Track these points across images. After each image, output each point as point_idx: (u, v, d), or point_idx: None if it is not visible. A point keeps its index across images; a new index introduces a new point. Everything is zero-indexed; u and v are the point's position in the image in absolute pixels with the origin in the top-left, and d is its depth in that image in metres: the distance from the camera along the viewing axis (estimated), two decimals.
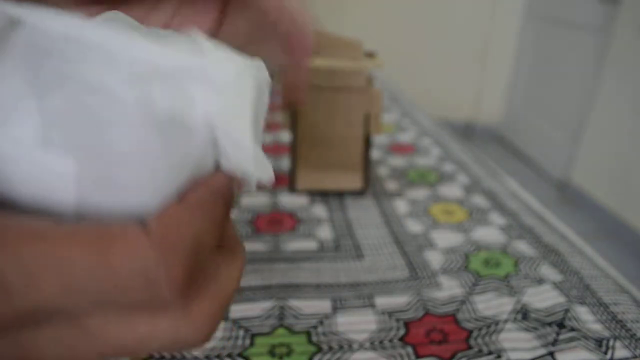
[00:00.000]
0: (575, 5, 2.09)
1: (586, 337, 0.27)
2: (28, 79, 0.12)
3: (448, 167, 0.51)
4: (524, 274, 0.33)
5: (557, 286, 0.32)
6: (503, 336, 0.27)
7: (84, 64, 0.13)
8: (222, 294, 0.15)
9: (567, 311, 0.29)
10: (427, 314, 0.29)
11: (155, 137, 0.13)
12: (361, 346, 0.26)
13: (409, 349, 0.26)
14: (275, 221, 0.39)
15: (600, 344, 0.27)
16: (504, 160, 2.52)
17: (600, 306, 0.30)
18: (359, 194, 0.43)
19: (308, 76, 0.26)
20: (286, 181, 0.46)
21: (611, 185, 1.82)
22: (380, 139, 0.60)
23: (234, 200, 0.16)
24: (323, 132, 0.41)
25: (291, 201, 0.42)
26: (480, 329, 0.28)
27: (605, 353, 0.26)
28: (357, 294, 0.30)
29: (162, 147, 0.13)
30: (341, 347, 0.26)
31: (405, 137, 0.61)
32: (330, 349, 0.26)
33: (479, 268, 0.33)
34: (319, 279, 0.32)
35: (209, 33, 0.22)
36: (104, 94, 0.13)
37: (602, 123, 1.87)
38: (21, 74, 0.12)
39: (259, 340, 0.26)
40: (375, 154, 0.55)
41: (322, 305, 0.29)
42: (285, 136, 0.59)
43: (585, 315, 0.29)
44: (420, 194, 0.45)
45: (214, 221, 0.15)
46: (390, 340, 0.27)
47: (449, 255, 0.35)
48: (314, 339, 0.27)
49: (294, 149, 0.42)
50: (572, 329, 0.28)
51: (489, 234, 0.38)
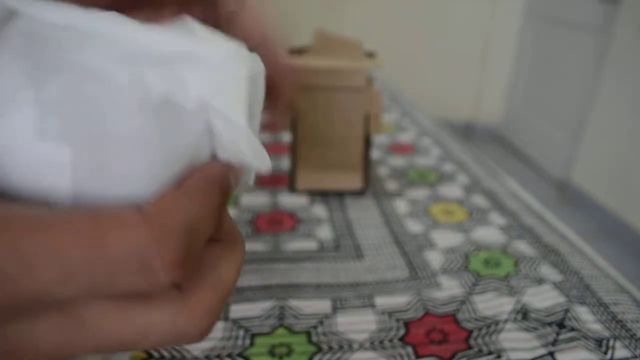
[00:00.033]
0: (575, 5, 2.09)
1: (586, 337, 0.27)
2: (25, 69, 0.12)
3: (448, 167, 0.51)
4: (524, 274, 0.33)
5: (557, 286, 0.32)
6: (503, 336, 0.27)
7: (79, 51, 0.13)
8: (221, 286, 0.15)
9: (567, 311, 0.29)
10: (427, 314, 0.29)
11: (150, 122, 0.13)
12: (361, 346, 0.26)
13: (409, 349, 0.26)
14: (275, 221, 0.39)
15: (600, 344, 0.27)
16: (504, 160, 2.52)
17: (600, 306, 0.30)
18: (359, 194, 0.43)
19: (291, 97, 0.26)
20: (286, 181, 0.46)
21: (611, 185, 1.82)
22: (380, 139, 0.60)
23: (230, 189, 0.16)
24: (323, 132, 0.41)
25: (291, 201, 0.42)
26: (480, 329, 0.28)
27: (605, 353, 0.26)
28: (357, 294, 0.30)
29: (157, 132, 0.13)
30: (341, 347, 0.26)
31: (405, 137, 0.61)
32: (330, 349, 0.26)
33: (479, 268, 0.33)
34: (319, 279, 0.32)
35: None
36: (98, 78, 0.13)
37: (602, 123, 1.87)
38: (18, 64, 0.12)
39: (259, 340, 0.26)
40: (375, 154, 0.55)
41: (322, 305, 0.29)
42: (285, 136, 0.59)
43: (585, 315, 0.29)
44: (420, 194, 0.45)
45: (209, 208, 0.14)
46: (390, 340, 0.27)
47: (449, 255, 0.35)
48: (314, 339, 0.27)
49: (294, 149, 0.42)
50: (572, 329, 0.28)
51: (489, 234, 0.38)
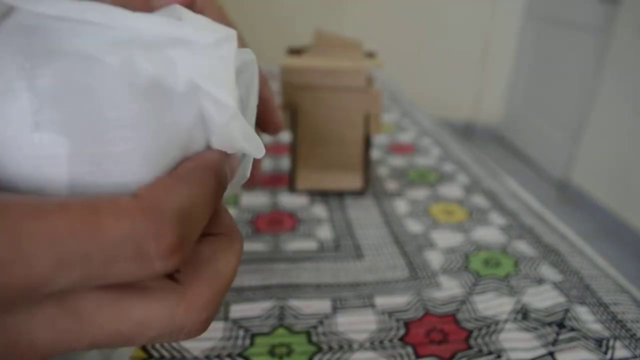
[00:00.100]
0: (575, 5, 2.09)
1: (586, 337, 0.27)
2: (19, 61, 0.12)
3: (448, 167, 0.51)
4: (524, 274, 0.33)
5: (557, 286, 0.32)
6: (503, 336, 0.27)
7: (71, 39, 0.13)
8: (219, 280, 0.15)
9: (567, 311, 0.29)
10: (427, 314, 0.29)
11: (141, 105, 0.13)
12: (361, 346, 0.26)
13: (409, 349, 0.26)
14: (275, 221, 0.39)
15: (600, 344, 0.27)
16: (504, 160, 2.52)
17: (600, 306, 0.30)
18: (359, 194, 0.43)
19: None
20: (286, 181, 0.46)
21: (611, 185, 1.82)
22: (380, 139, 0.60)
23: (225, 177, 0.16)
24: (323, 132, 0.41)
25: (291, 201, 0.42)
26: (480, 329, 0.28)
27: (605, 353, 0.26)
28: (357, 294, 0.30)
29: (149, 116, 0.14)
30: (341, 347, 0.26)
31: (405, 137, 0.61)
32: (330, 349, 0.26)
33: (479, 268, 0.33)
34: (319, 279, 0.32)
35: None
36: (90, 63, 0.13)
37: (602, 123, 1.87)
38: (12, 56, 0.12)
39: (259, 340, 0.26)
40: (375, 154, 0.55)
41: (322, 305, 0.29)
42: (285, 136, 0.59)
43: (585, 315, 0.29)
44: (420, 194, 0.45)
45: (204, 195, 0.14)
46: (390, 340, 0.27)
47: (449, 255, 0.35)
48: (314, 339, 0.27)
49: (294, 149, 0.42)
50: (572, 329, 0.28)
51: (489, 234, 0.38)
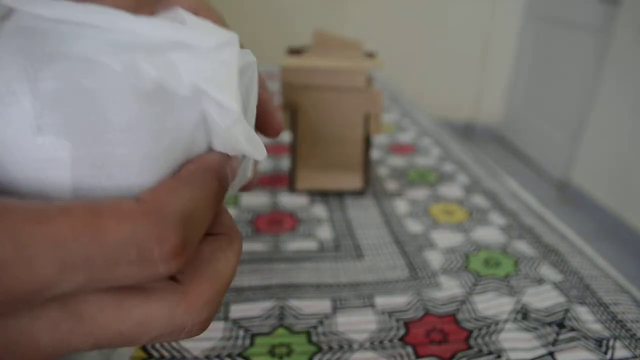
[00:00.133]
0: (575, 5, 2.09)
1: (586, 337, 0.27)
2: (21, 63, 0.12)
3: (448, 167, 0.51)
4: (524, 274, 0.33)
5: (557, 286, 0.32)
6: (503, 336, 0.27)
7: (73, 42, 0.13)
8: (219, 279, 0.15)
9: (567, 311, 0.29)
10: (427, 314, 0.29)
11: (144, 109, 0.13)
12: (361, 346, 0.26)
13: (409, 349, 0.26)
14: (275, 221, 0.39)
15: (600, 344, 0.27)
16: (504, 160, 2.52)
17: (600, 306, 0.30)
18: (359, 194, 0.43)
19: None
20: (286, 181, 0.46)
21: (611, 185, 1.82)
22: (380, 139, 0.60)
23: (227, 179, 0.16)
24: (323, 132, 0.41)
25: (291, 201, 0.42)
26: (480, 329, 0.28)
27: (605, 353, 0.26)
28: (357, 294, 0.30)
29: (152, 119, 0.13)
30: (341, 347, 0.26)
31: (405, 137, 0.61)
32: (330, 349, 0.26)
33: (479, 268, 0.33)
34: (319, 279, 0.32)
35: None
36: (93, 66, 0.13)
37: (602, 123, 1.87)
38: (14, 59, 0.12)
39: (259, 340, 0.26)
40: (375, 154, 0.55)
41: (322, 305, 0.29)
42: (285, 136, 0.59)
43: (585, 315, 0.29)
44: (420, 194, 0.45)
45: (207, 197, 0.14)
46: (390, 340, 0.27)
47: (449, 255, 0.35)
48: (314, 339, 0.27)
49: (294, 149, 0.42)
50: (572, 329, 0.28)
51: (489, 234, 0.38)
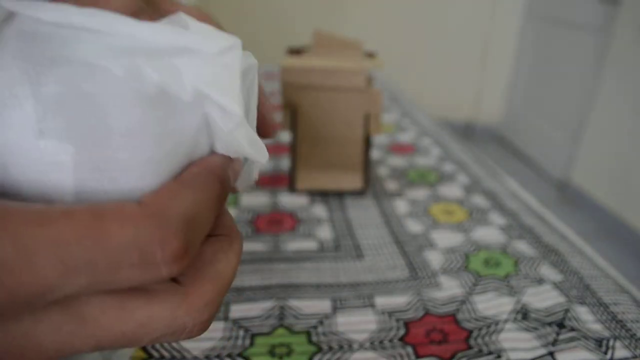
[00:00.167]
0: (575, 5, 2.09)
1: (586, 337, 0.27)
2: (23, 67, 0.12)
3: (448, 167, 0.51)
4: (524, 274, 0.33)
5: (557, 286, 0.32)
6: (503, 336, 0.27)
7: (75, 47, 0.13)
8: (220, 280, 0.15)
9: (567, 311, 0.29)
10: (427, 314, 0.29)
11: (147, 113, 0.13)
12: (361, 346, 0.26)
13: (409, 349, 0.26)
14: (275, 221, 0.39)
15: (600, 344, 0.27)
16: (504, 160, 2.52)
17: (600, 306, 0.30)
18: (359, 194, 0.43)
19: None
20: (286, 181, 0.46)
21: (611, 185, 1.82)
22: (380, 139, 0.60)
23: (229, 182, 0.16)
24: (323, 132, 0.41)
25: (291, 201, 0.42)
26: (480, 329, 0.28)
27: (605, 353, 0.26)
28: (357, 294, 0.30)
29: (155, 124, 0.13)
30: (341, 347, 0.26)
31: (405, 137, 0.61)
32: (330, 349, 0.26)
33: (479, 268, 0.33)
34: (319, 279, 0.32)
35: None
36: (95, 71, 0.13)
37: (602, 123, 1.87)
38: (16, 63, 0.12)
39: (259, 340, 0.26)
40: (375, 154, 0.55)
41: (322, 305, 0.29)
42: (285, 136, 0.59)
43: (585, 315, 0.29)
44: (420, 194, 0.45)
45: (209, 200, 0.14)
46: (390, 340, 0.27)
47: (449, 255, 0.35)
48: (314, 339, 0.27)
49: (294, 149, 0.42)
50: (572, 329, 0.28)
51: (489, 234, 0.38)
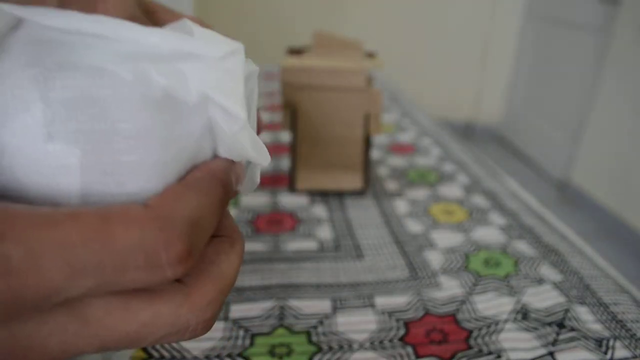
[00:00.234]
0: (575, 5, 2.09)
1: (586, 337, 0.27)
2: (32, 72, 0.12)
3: (448, 167, 0.51)
4: (524, 274, 0.33)
5: (557, 286, 0.32)
6: (503, 336, 0.27)
7: (83, 52, 0.13)
8: (222, 280, 0.15)
9: (567, 311, 0.29)
10: (427, 314, 0.29)
11: (154, 117, 0.13)
12: (361, 346, 0.26)
13: (409, 349, 0.26)
14: (275, 221, 0.39)
15: (600, 344, 0.27)
16: (504, 160, 2.52)
17: (600, 306, 0.30)
18: (359, 194, 0.43)
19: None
20: (286, 181, 0.46)
21: (611, 185, 1.82)
22: (380, 139, 0.60)
23: (232, 185, 0.16)
24: (323, 132, 0.41)
25: (291, 201, 0.42)
26: (480, 329, 0.28)
27: (605, 353, 0.26)
28: (357, 294, 0.30)
29: (161, 127, 0.14)
30: (341, 347, 0.26)
31: (405, 137, 0.61)
32: (330, 349, 0.26)
33: (479, 268, 0.33)
34: (319, 279, 0.32)
35: None
36: (103, 76, 0.13)
37: (602, 123, 1.87)
38: (25, 68, 0.12)
39: (259, 340, 0.26)
40: (375, 154, 0.55)
41: (322, 305, 0.29)
42: (285, 136, 0.59)
43: (585, 315, 0.29)
44: (420, 194, 0.45)
45: (213, 203, 0.15)
46: (390, 340, 0.27)
47: (449, 255, 0.35)
48: (314, 339, 0.27)
49: (294, 149, 0.42)
50: (572, 329, 0.28)
51: (489, 234, 0.38)
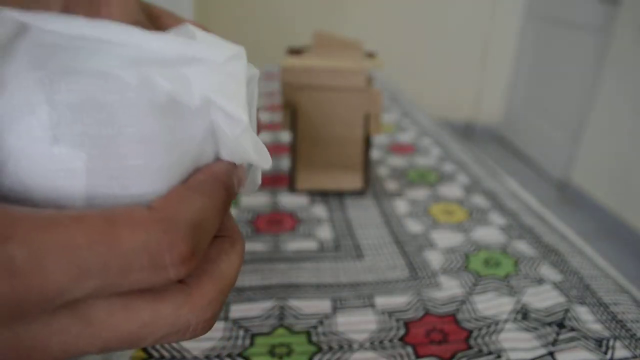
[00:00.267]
0: (575, 5, 2.09)
1: (586, 337, 0.27)
2: (38, 77, 0.13)
3: (448, 167, 0.51)
4: (524, 274, 0.33)
5: (557, 286, 0.32)
6: (503, 336, 0.27)
7: (88, 57, 0.13)
8: (223, 280, 0.16)
9: (567, 311, 0.29)
10: (427, 314, 0.29)
11: (159, 121, 0.14)
12: (361, 346, 0.26)
13: (409, 349, 0.26)
14: (275, 221, 0.39)
15: (600, 344, 0.27)
16: (504, 160, 2.52)
17: (600, 306, 0.30)
18: (359, 194, 0.43)
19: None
20: (286, 181, 0.46)
21: (611, 185, 1.82)
22: (380, 139, 0.60)
23: (234, 188, 0.17)
24: (323, 132, 0.41)
25: (291, 201, 0.42)
26: (480, 329, 0.28)
27: (605, 353, 0.26)
28: (357, 294, 0.30)
29: (165, 131, 0.14)
30: (341, 347, 0.26)
31: (405, 137, 0.61)
32: (330, 349, 0.26)
33: (479, 268, 0.33)
34: (319, 279, 0.32)
35: None
36: (108, 80, 0.13)
37: (602, 123, 1.87)
38: (31, 73, 0.13)
39: (259, 340, 0.26)
40: (375, 154, 0.55)
41: (322, 305, 0.29)
42: (285, 136, 0.59)
43: (585, 315, 0.29)
44: (420, 194, 0.45)
45: (215, 205, 0.15)
46: (390, 340, 0.27)
47: (449, 255, 0.35)
48: (314, 339, 0.27)
49: (294, 149, 0.42)
50: (572, 329, 0.28)
51: (489, 234, 0.38)
